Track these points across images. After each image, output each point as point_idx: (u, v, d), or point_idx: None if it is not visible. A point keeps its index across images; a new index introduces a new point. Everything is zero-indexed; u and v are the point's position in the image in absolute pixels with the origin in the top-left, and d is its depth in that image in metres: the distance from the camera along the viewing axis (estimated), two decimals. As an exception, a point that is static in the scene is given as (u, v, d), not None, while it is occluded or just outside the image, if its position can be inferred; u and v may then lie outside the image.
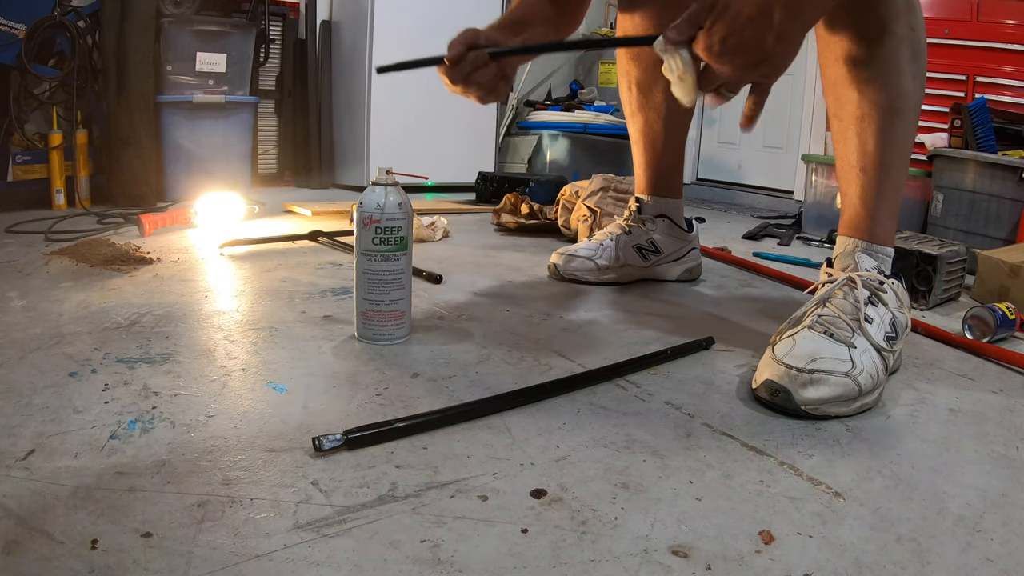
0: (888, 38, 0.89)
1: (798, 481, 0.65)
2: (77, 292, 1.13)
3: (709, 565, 0.52)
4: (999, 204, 1.74)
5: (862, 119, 0.92)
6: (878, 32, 0.89)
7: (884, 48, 0.89)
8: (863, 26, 0.90)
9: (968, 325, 1.14)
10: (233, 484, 0.59)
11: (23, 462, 0.61)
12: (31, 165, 1.94)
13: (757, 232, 2.18)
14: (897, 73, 0.90)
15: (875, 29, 0.89)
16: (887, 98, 0.91)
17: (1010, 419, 0.83)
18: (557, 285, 1.35)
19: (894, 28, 0.89)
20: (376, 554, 0.51)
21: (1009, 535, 0.58)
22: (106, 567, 0.48)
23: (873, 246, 0.93)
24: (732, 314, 1.23)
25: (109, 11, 2.01)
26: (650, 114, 1.32)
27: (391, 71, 0.98)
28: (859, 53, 0.90)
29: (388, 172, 0.95)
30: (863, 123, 0.92)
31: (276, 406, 0.75)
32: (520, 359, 0.93)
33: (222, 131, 2.31)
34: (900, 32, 0.89)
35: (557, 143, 3.06)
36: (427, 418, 0.72)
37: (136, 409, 0.72)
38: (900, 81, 0.90)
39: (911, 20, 0.90)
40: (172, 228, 1.70)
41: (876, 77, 0.90)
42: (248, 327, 1.00)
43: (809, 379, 0.78)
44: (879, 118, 0.91)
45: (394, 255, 0.94)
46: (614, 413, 0.78)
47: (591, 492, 0.62)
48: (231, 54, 2.29)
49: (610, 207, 1.65)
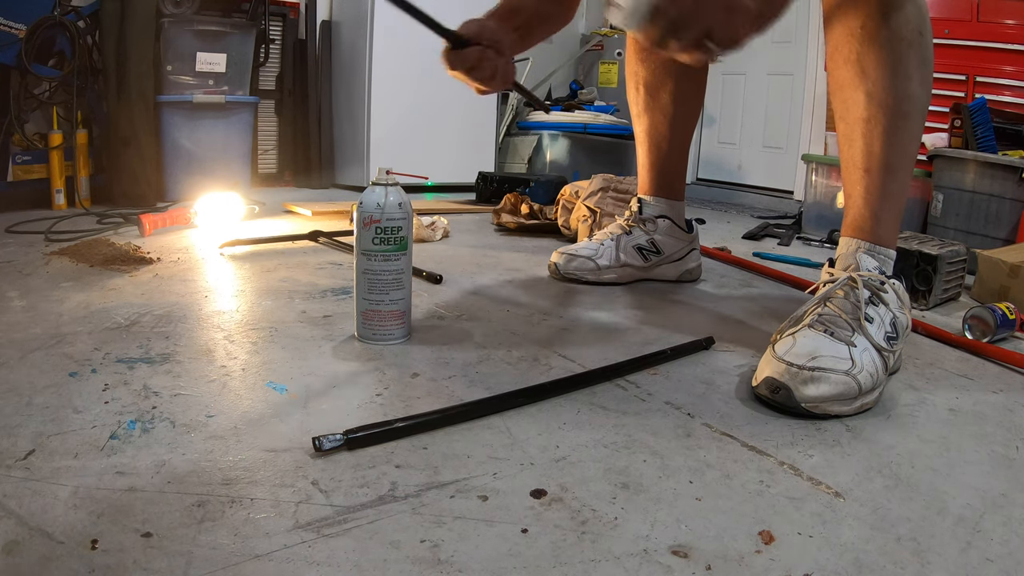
0: (898, 42, 0.89)
1: (798, 481, 0.65)
2: (77, 292, 1.13)
3: (709, 565, 0.52)
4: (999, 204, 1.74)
5: (868, 121, 0.92)
6: (887, 36, 0.89)
7: (893, 52, 0.90)
8: (872, 29, 0.90)
9: (968, 325, 1.14)
10: (233, 484, 0.59)
11: (23, 462, 0.61)
12: (31, 165, 1.94)
13: (757, 232, 2.18)
14: (905, 77, 0.90)
15: (884, 33, 0.89)
16: (895, 101, 0.91)
17: (1010, 419, 0.83)
18: (557, 285, 1.35)
19: (904, 32, 0.89)
20: (376, 554, 0.51)
21: (1009, 535, 0.58)
22: (106, 567, 0.48)
23: (876, 247, 0.93)
24: (732, 314, 1.23)
25: (109, 11, 2.01)
26: (656, 115, 1.32)
27: (396, 5, 0.94)
28: (868, 56, 0.91)
29: (388, 172, 0.95)
30: (869, 125, 0.92)
31: (276, 406, 0.75)
32: (520, 359, 0.93)
33: (222, 131, 2.31)
34: (910, 36, 0.89)
35: (557, 143, 3.06)
36: (427, 418, 0.72)
37: (136, 409, 0.72)
38: (908, 85, 0.90)
39: (920, 25, 0.90)
40: (172, 228, 1.70)
41: (884, 80, 0.90)
42: (248, 327, 1.00)
43: (809, 376, 0.78)
44: (886, 121, 0.91)
45: (394, 255, 0.94)
46: (614, 413, 0.78)
47: (591, 492, 0.62)
48: (231, 54, 2.29)
49: (610, 207, 1.65)
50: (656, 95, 1.31)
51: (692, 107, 1.34)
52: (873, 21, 0.90)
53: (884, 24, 0.89)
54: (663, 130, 1.33)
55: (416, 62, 2.62)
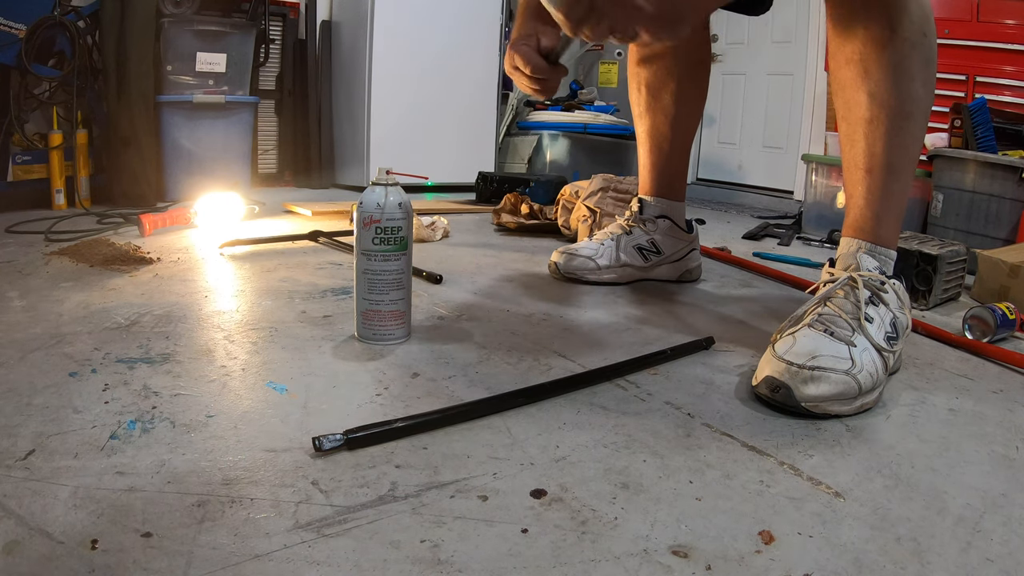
0: (901, 43, 0.89)
1: (798, 481, 0.65)
2: (77, 292, 1.13)
3: (709, 565, 0.52)
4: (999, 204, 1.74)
5: (871, 122, 0.92)
6: (891, 36, 0.89)
7: (896, 52, 0.89)
8: (876, 30, 0.89)
9: (968, 325, 1.14)
10: (233, 484, 0.59)
11: (23, 462, 0.61)
12: (31, 165, 1.94)
13: (757, 232, 2.18)
14: (908, 78, 0.90)
15: (888, 33, 0.89)
16: (897, 102, 0.90)
17: (1010, 419, 0.83)
18: (557, 285, 1.35)
19: (907, 33, 0.89)
20: (376, 554, 0.51)
21: (1009, 535, 0.58)
22: (106, 567, 0.48)
23: (876, 247, 0.93)
24: (732, 314, 1.23)
25: (109, 11, 2.01)
26: (658, 116, 1.32)
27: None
28: (871, 57, 0.90)
29: (388, 172, 0.95)
30: (871, 126, 0.92)
31: (276, 406, 0.75)
32: (520, 359, 0.93)
33: (222, 131, 2.32)
34: (913, 37, 0.89)
35: (557, 143, 3.06)
36: (427, 418, 0.72)
37: (136, 409, 0.72)
38: (911, 86, 0.90)
39: (924, 26, 0.90)
40: (172, 228, 1.70)
41: (887, 81, 0.90)
42: (248, 327, 1.00)
43: (809, 376, 0.78)
44: (888, 122, 0.91)
45: (394, 255, 0.94)
46: (614, 413, 0.78)
47: (591, 492, 0.62)
48: (231, 54, 2.29)
49: (610, 207, 1.65)
50: (658, 96, 1.31)
51: (694, 108, 1.34)
52: (876, 22, 0.89)
53: (887, 25, 0.89)
54: (664, 131, 1.33)
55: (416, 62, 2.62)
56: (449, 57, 2.71)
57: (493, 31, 2.80)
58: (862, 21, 0.90)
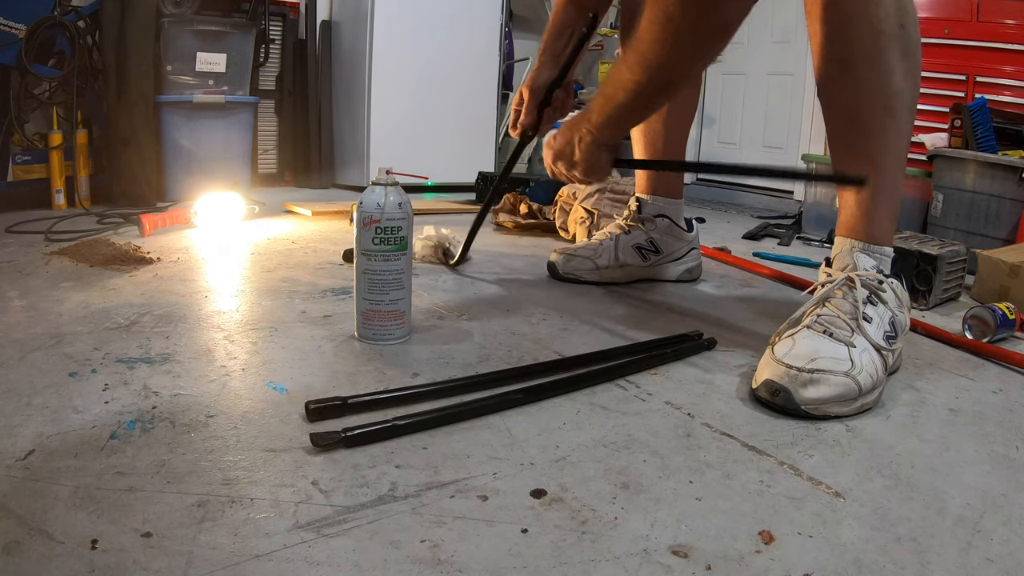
0: (876, 36, 0.88)
1: (798, 481, 0.65)
2: (77, 292, 1.13)
3: (709, 565, 0.52)
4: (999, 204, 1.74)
5: (851, 121, 0.92)
6: (863, 30, 0.88)
7: (874, 47, 0.88)
8: (853, 26, 0.89)
9: (968, 325, 1.14)
10: (233, 484, 0.59)
11: (23, 462, 0.61)
12: (31, 165, 1.94)
13: (757, 232, 2.18)
14: (887, 73, 0.89)
15: (864, 28, 0.88)
16: (879, 98, 0.90)
17: (1010, 419, 0.83)
18: (557, 285, 1.35)
19: (883, 27, 0.88)
20: (376, 554, 0.51)
21: (1009, 535, 0.58)
22: (106, 567, 0.48)
23: (871, 246, 0.93)
24: (732, 314, 1.23)
25: (109, 11, 2.00)
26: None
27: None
28: (848, 53, 0.90)
29: (388, 172, 0.95)
30: (851, 125, 0.92)
31: (276, 406, 0.75)
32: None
33: (222, 131, 2.31)
34: (889, 31, 0.88)
35: (557, 143, 3.05)
36: (427, 417, 0.72)
37: (136, 409, 0.72)
38: (891, 80, 0.89)
39: (901, 18, 0.89)
40: (172, 228, 1.70)
41: (866, 77, 0.89)
42: (248, 327, 1.00)
43: (809, 379, 0.78)
44: (871, 119, 0.91)
45: (394, 255, 0.94)
46: (614, 413, 0.78)
47: (591, 492, 0.62)
48: (231, 54, 2.29)
49: (607, 208, 1.65)
50: None
51: (686, 105, 1.34)
52: (849, 18, 0.88)
53: (860, 19, 0.88)
54: (658, 128, 1.33)
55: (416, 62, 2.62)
56: (449, 57, 2.71)
57: (493, 31, 2.80)
58: (837, 16, 0.89)
